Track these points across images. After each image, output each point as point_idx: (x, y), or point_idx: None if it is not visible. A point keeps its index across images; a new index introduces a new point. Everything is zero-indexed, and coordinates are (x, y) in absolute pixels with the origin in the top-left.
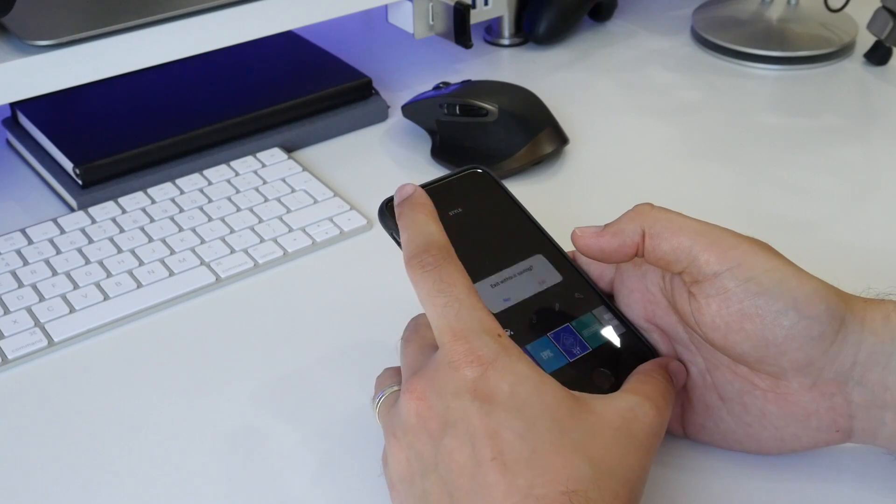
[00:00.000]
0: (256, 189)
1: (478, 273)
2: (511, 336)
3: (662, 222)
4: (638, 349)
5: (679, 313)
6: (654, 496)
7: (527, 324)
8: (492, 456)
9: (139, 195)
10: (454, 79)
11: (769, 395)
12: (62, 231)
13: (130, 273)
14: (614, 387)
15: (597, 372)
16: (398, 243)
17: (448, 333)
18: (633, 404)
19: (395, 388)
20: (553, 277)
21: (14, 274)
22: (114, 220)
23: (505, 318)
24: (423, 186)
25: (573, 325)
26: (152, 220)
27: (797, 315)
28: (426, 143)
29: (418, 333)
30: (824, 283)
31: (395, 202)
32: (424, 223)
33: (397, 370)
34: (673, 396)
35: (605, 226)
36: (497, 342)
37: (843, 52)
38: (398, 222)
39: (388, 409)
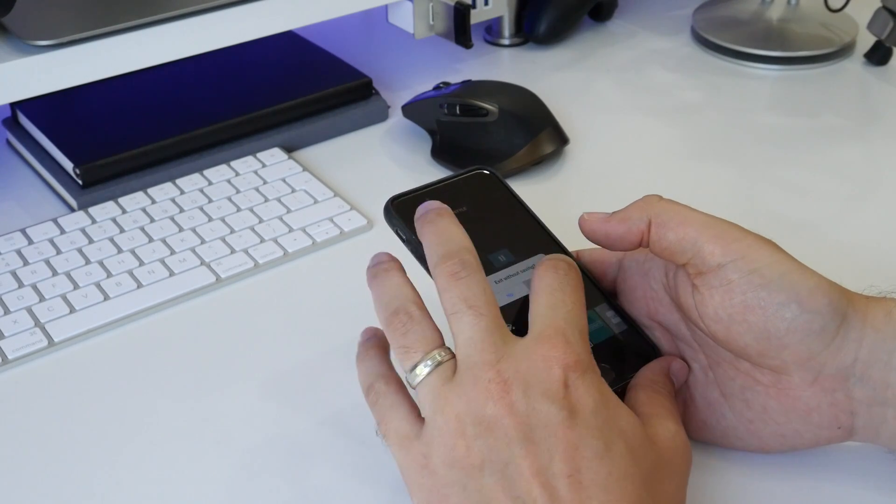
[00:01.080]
0: (257, 189)
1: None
2: (513, 331)
3: (669, 213)
4: (639, 346)
5: (682, 308)
6: None
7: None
8: (569, 472)
9: (139, 195)
10: (454, 79)
11: (771, 390)
12: (62, 231)
13: (131, 273)
14: (615, 382)
15: (598, 367)
16: (403, 240)
17: (552, 327)
18: (672, 433)
19: (447, 356)
20: None
21: (14, 274)
22: (114, 220)
23: (509, 312)
24: (430, 186)
25: None
26: (152, 220)
27: (799, 308)
28: (426, 143)
29: (491, 306)
30: (827, 279)
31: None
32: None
33: (431, 320)
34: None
35: (613, 213)
36: (591, 355)
37: (843, 52)
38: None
39: (442, 384)
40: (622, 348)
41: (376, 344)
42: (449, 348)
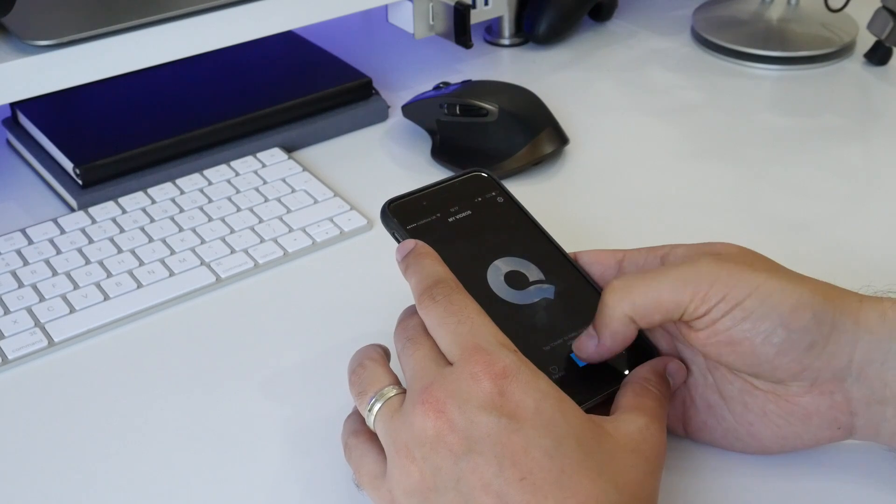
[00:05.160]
0: (256, 189)
1: (480, 274)
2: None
3: (640, 298)
4: (638, 346)
5: (676, 325)
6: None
7: None
8: (521, 476)
9: (139, 195)
10: (454, 79)
11: (770, 395)
12: (62, 231)
13: (131, 273)
14: (613, 381)
15: (597, 367)
16: (399, 242)
17: (467, 347)
18: (641, 426)
19: (394, 391)
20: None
21: (14, 274)
22: (114, 220)
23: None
24: (427, 189)
25: None
26: (152, 221)
27: (786, 331)
28: (426, 143)
29: (428, 337)
30: (810, 286)
31: (398, 258)
32: (430, 266)
33: (381, 364)
34: (667, 409)
35: (595, 328)
36: (516, 355)
37: (843, 52)
38: (405, 275)
39: (390, 417)
40: None
41: (355, 409)
42: (401, 385)
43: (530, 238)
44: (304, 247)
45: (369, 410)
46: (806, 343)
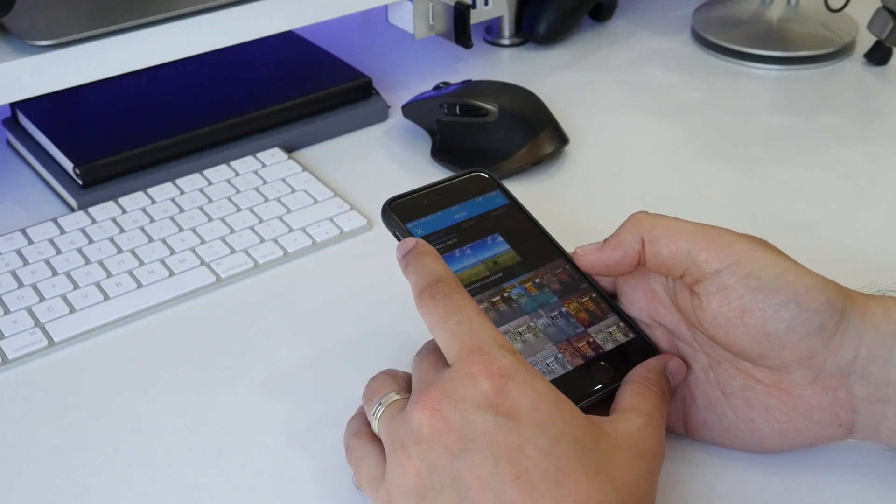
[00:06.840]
0: (257, 189)
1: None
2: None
3: (659, 228)
4: (639, 345)
5: (681, 311)
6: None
7: None
8: (517, 474)
9: (139, 195)
10: (454, 79)
11: (772, 389)
12: (62, 231)
13: (131, 273)
14: (613, 380)
15: (597, 366)
16: (399, 241)
17: (465, 348)
18: (639, 426)
19: (398, 396)
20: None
21: (14, 274)
22: (114, 220)
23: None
24: (427, 188)
25: None
26: (152, 221)
27: (797, 307)
28: (426, 143)
29: (436, 353)
30: (823, 277)
31: (398, 256)
32: (431, 264)
33: (393, 377)
34: (667, 407)
35: (605, 240)
36: (514, 356)
37: (843, 52)
38: (405, 273)
39: (392, 418)
40: (621, 348)
41: (359, 412)
42: (407, 392)
43: (532, 238)
44: (304, 247)
45: (373, 415)
46: (816, 325)
